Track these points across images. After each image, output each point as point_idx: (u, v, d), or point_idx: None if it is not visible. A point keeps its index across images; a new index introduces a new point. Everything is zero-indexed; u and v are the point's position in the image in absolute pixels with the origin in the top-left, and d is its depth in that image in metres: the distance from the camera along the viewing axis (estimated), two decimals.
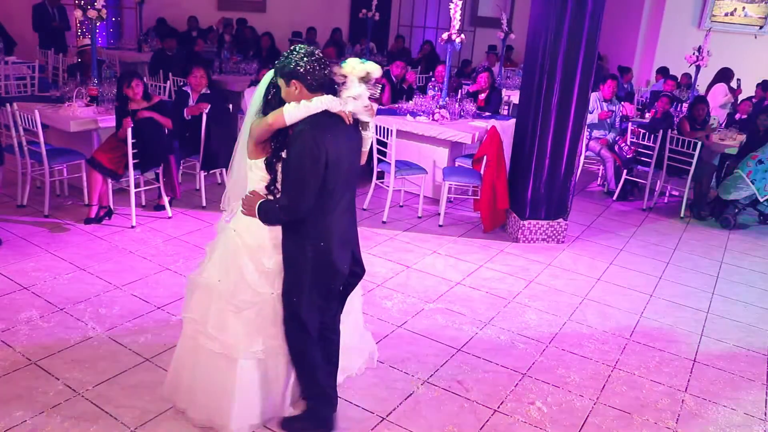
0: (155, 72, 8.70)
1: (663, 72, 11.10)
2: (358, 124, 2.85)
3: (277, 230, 2.81)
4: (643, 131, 7.36)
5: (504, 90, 9.26)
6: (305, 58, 2.64)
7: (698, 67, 9.02)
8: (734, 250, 6.22)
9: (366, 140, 2.93)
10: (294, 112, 2.63)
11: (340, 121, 2.71)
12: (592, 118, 7.46)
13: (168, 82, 7.70)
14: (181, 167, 6.24)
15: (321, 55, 2.70)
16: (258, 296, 2.86)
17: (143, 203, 6.00)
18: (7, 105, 5.48)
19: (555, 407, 3.52)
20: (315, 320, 2.90)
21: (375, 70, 2.76)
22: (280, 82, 2.70)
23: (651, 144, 7.17)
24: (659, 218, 7.00)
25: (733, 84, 10.35)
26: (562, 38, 5.39)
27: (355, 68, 2.72)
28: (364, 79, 2.74)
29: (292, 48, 2.72)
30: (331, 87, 2.74)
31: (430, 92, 7.35)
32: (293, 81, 2.65)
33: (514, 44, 12.33)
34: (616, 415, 3.51)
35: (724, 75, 10.11)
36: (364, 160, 2.97)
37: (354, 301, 3.30)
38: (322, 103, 2.64)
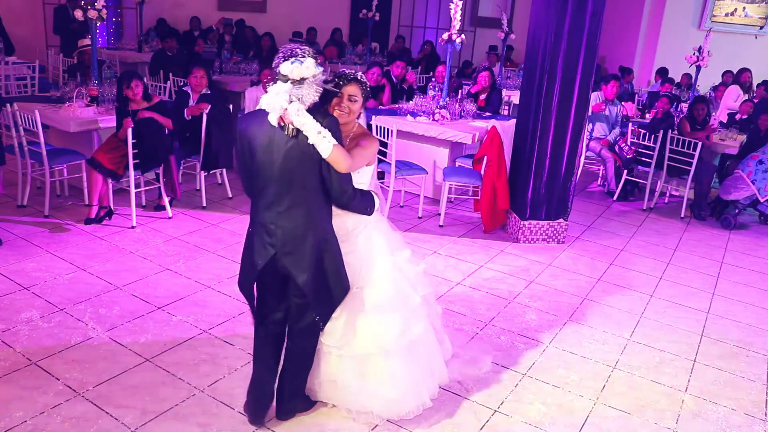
0: (155, 72, 8.71)
1: (661, 73, 11.11)
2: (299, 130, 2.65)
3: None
4: (643, 131, 7.36)
5: (504, 90, 9.25)
6: None
7: (698, 68, 9.02)
8: (734, 251, 6.22)
9: (318, 149, 2.63)
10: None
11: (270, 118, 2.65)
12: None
13: (168, 82, 7.70)
14: (181, 167, 6.24)
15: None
16: None
17: (143, 203, 6.00)
18: (8, 105, 5.48)
19: (555, 407, 3.52)
20: (253, 300, 3.03)
21: (305, 71, 2.56)
22: None
23: (651, 144, 7.17)
24: (660, 218, 7.00)
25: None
26: (563, 38, 5.39)
27: (309, 68, 2.58)
28: (299, 82, 2.57)
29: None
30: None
31: (431, 92, 7.35)
32: None
33: (514, 44, 12.34)
34: (616, 415, 3.50)
35: (738, 76, 10.12)
36: (342, 167, 2.69)
37: None
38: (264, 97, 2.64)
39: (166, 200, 5.77)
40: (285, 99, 2.55)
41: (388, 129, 5.97)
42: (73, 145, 6.03)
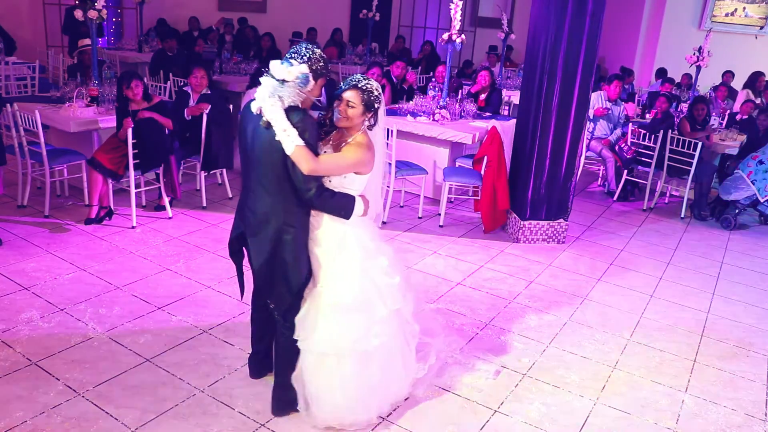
0: (156, 72, 8.71)
1: (660, 74, 11.11)
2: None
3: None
4: (643, 132, 7.36)
5: (504, 90, 9.26)
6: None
7: (698, 68, 9.02)
8: (735, 251, 6.22)
9: (283, 145, 2.73)
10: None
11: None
12: (588, 113, 7.46)
13: (168, 82, 7.70)
14: (181, 168, 6.24)
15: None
16: None
17: (144, 204, 6.00)
18: (8, 105, 5.48)
19: (555, 407, 3.52)
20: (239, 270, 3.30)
21: (287, 74, 2.71)
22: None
23: (651, 144, 7.17)
24: (660, 219, 7.00)
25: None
26: (563, 39, 5.39)
27: (289, 70, 2.73)
28: (300, 79, 2.73)
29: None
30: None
31: (431, 92, 7.35)
32: None
33: (514, 45, 12.34)
34: (616, 415, 3.51)
35: (752, 80, 10.14)
36: (304, 168, 2.74)
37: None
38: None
39: (166, 200, 5.78)
40: (267, 93, 2.72)
41: (388, 129, 5.97)
42: (73, 145, 6.03)
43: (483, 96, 7.62)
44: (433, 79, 8.42)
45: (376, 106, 2.97)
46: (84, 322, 3.94)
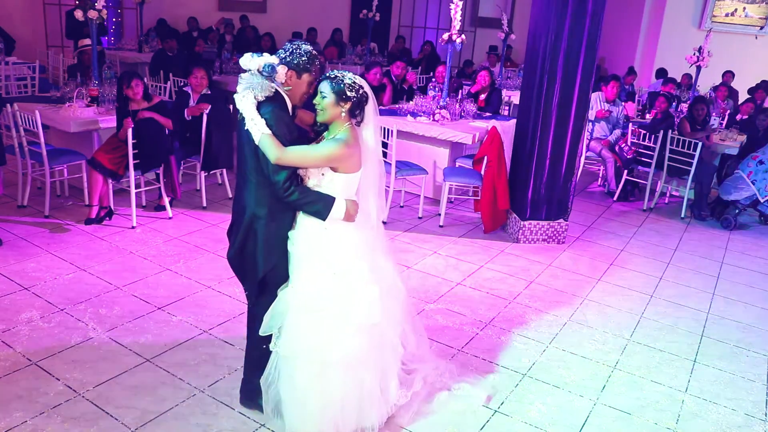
0: (156, 72, 8.71)
1: (661, 74, 11.10)
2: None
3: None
4: (643, 132, 7.36)
5: (504, 90, 9.26)
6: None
7: (699, 68, 9.02)
8: (735, 251, 6.22)
9: (251, 134, 2.77)
10: None
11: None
12: (589, 115, 7.48)
13: (168, 82, 7.70)
14: (181, 168, 6.24)
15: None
16: None
17: (144, 204, 6.00)
18: (8, 105, 5.48)
19: (555, 407, 3.52)
20: None
21: (269, 60, 2.77)
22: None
23: (651, 144, 7.17)
24: (660, 219, 7.00)
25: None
26: (563, 39, 5.39)
27: (252, 60, 2.77)
28: (264, 70, 2.75)
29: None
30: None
31: (431, 93, 7.35)
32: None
33: (514, 44, 12.34)
34: (616, 415, 3.50)
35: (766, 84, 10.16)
36: (271, 156, 2.75)
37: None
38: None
39: (166, 200, 5.78)
40: (240, 85, 2.78)
41: (388, 129, 5.97)
42: (74, 145, 6.03)
43: (483, 96, 7.62)
44: (433, 79, 8.42)
45: (349, 94, 2.84)
46: (84, 322, 3.94)
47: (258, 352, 3.07)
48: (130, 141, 5.24)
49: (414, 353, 3.46)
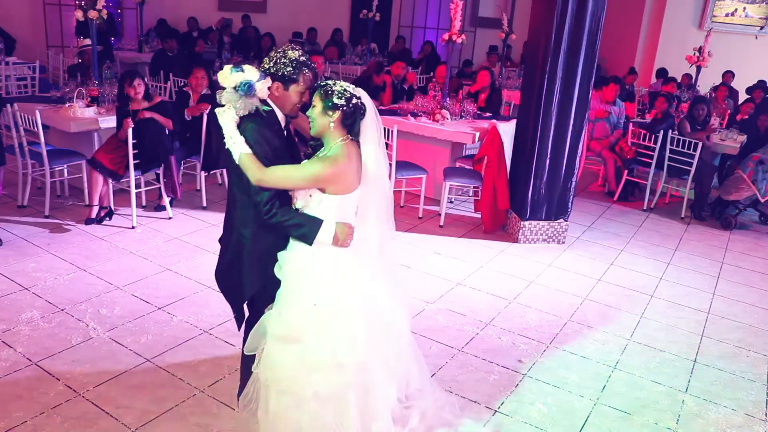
0: (156, 72, 8.71)
1: (661, 74, 11.10)
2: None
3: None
4: (643, 132, 7.36)
5: (504, 90, 9.26)
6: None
7: (699, 68, 9.03)
8: (735, 251, 6.22)
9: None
10: None
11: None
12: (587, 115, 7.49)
13: (168, 82, 7.71)
14: (181, 168, 6.24)
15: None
16: None
17: (144, 204, 6.01)
18: (8, 105, 5.48)
19: (555, 407, 3.52)
20: None
21: (246, 77, 2.58)
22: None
23: (651, 144, 7.17)
24: (660, 219, 7.00)
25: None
26: (563, 39, 5.39)
27: (227, 77, 2.60)
28: (240, 88, 2.57)
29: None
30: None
31: (431, 93, 7.36)
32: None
33: (514, 45, 12.33)
34: (616, 415, 3.50)
35: None
36: (251, 177, 2.59)
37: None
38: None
39: (166, 200, 5.78)
40: (222, 99, 2.61)
41: (388, 129, 5.97)
42: (74, 145, 6.03)
43: (483, 96, 7.62)
44: (434, 79, 8.42)
45: (336, 102, 2.60)
46: (84, 322, 3.94)
47: (247, 366, 2.99)
48: (131, 141, 5.24)
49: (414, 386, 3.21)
